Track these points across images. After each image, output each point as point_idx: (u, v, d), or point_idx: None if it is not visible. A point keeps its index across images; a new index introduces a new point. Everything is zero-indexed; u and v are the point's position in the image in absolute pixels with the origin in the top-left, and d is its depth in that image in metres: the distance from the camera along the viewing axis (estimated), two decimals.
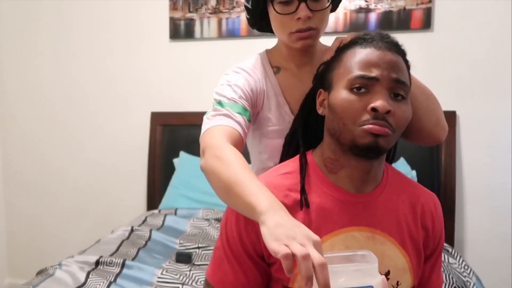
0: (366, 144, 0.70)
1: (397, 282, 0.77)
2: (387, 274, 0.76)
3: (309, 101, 0.87)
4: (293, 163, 0.82)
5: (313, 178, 0.78)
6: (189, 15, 2.33)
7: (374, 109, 0.70)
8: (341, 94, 0.74)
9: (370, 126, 0.70)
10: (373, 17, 2.12)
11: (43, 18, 2.53)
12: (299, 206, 0.75)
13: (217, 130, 0.86)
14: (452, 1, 2.06)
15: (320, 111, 0.81)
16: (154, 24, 2.39)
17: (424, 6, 2.07)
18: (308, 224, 0.74)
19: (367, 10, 2.12)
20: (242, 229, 0.75)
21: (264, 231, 0.63)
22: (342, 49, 0.80)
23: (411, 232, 0.79)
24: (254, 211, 0.67)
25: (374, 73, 0.72)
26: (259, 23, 1.02)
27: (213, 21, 2.31)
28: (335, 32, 2.13)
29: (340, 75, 0.76)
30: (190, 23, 2.33)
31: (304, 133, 0.86)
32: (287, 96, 0.99)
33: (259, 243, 0.74)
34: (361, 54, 0.75)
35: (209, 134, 0.86)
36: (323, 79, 0.81)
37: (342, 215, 0.75)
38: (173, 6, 2.35)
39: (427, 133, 0.89)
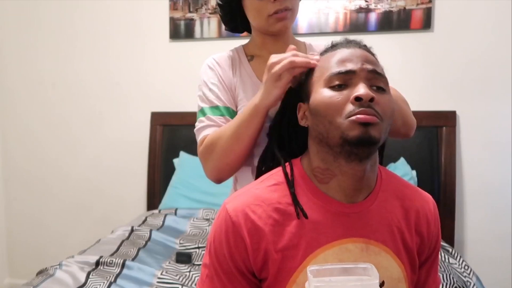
0: (357, 136, 0.67)
1: None
2: (381, 284, 0.73)
3: (280, 115, 0.86)
4: (280, 173, 0.78)
5: (303, 189, 0.75)
6: (189, 15, 2.33)
7: (358, 99, 0.68)
8: (320, 93, 0.73)
9: (357, 116, 0.67)
10: (373, 17, 2.12)
11: (44, 17, 2.53)
12: (289, 219, 0.73)
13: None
14: (452, 1, 2.06)
15: (303, 122, 0.78)
16: (154, 24, 2.39)
17: (424, 6, 2.07)
18: (300, 237, 0.72)
19: (367, 10, 2.12)
20: (232, 246, 0.73)
21: (260, 95, 0.85)
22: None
23: (404, 239, 0.77)
24: (254, 106, 0.87)
25: (349, 67, 0.72)
26: (233, 21, 1.07)
27: (213, 21, 2.31)
28: (335, 32, 2.13)
29: (317, 78, 0.75)
30: (190, 23, 2.33)
31: (280, 148, 0.85)
32: (262, 80, 1.02)
33: (249, 259, 0.72)
34: (333, 56, 0.75)
35: (200, 146, 0.98)
36: (299, 93, 0.80)
37: (335, 227, 0.73)
38: (173, 6, 2.35)
39: (394, 132, 0.92)
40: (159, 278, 1.43)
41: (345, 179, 0.73)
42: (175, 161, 2.32)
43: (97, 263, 1.48)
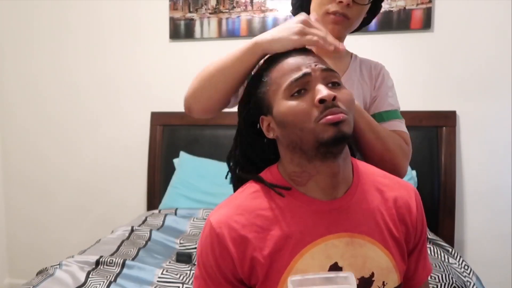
0: (331, 136, 0.69)
1: (383, 282, 0.76)
2: (371, 276, 0.75)
3: (239, 137, 0.85)
4: (255, 183, 0.80)
5: (283, 192, 0.76)
6: (189, 15, 2.34)
7: (321, 101, 0.70)
8: (284, 105, 0.73)
9: (326, 117, 0.70)
10: None
11: (43, 18, 2.53)
12: (273, 223, 0.74)
13: None
14: (452, 1, 2.06)
15: (270, 135, 0.79)
16: (154, 24, 2.39)
17: (424, 6, 2.07)
18: (285, 239, 0.73)
19: None
20: (218, 257, 0.74)
21: (267, 36, 0.81)
22: (264, 69, 0.79)
23: (390, 229, 0.78)
24: (248, 46, 0.82)
25: (304, 70, 0.73)
26: (299, 2, 1.07)
27: (213, 21, 2.31)
28: None
29: (275, 91, 0.75)
30: (190, 23, 2.33)
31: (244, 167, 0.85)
32: None
33: (236, 268, 0.74)
34: (284, 65, 0.76)
35: None
36: (258, 108, 0.79)
37: (317, 225, 0.74)
38: (173, 6, 2.35)
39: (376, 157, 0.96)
40: (159, 277, 1.43)
41: (322, 178, 0.75)
42: (175, 161, 2.32)
43: (97, 263, 1.47)
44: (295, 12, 1.11)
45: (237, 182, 0.86)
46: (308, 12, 1.04)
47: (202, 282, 0.78)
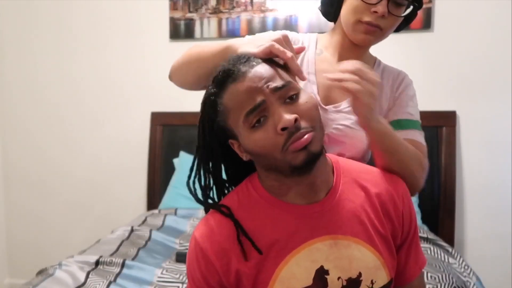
0: (303, 161, 0.69)
1: (371, 281, 0.76)
2: (359, 276, 0.75)
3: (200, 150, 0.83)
4: (236, 194, 0.80)
5: (263, 203, 0.77)
6: (189, 15, 2.34)
7: (283, 129, 0.68)
8: (249, 138, 0.71)
9: (293, 145, 0.68)
10: None
11: (44, 17, 2.53)
12: (254, 235, 0.74)
13: None
14: (452, 1, 2.06)
15: (244, 157, 0.77)
16: (154, 24, 2.39)
17: (424, 6, 2.07)
18: (269, 248, 0.73)
19: None
20: (204, 271, 0.75)
21: (239, 44, 0.80)
22: (216, 95, 0.74)
23: (375, 226, 0.77)
24: (222, 46, 0.84)
25: (258, 98, 0.69)
26: (330, 4, 1.02)
27: (213, 21, 2.31)
28: None
29: (234, 121, 0.72)
30: (190, 23, 2.33)
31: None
32: (318, 78, 1.00)
33: (222, 280, 0.74)
34: (236, 92, 0.71)
35: None
36: (223, 133, 0.77)
37: (300, 231, 0.74)
38: (173, 6, 2.35)
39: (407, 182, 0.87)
40: (159, 276, 1.43)
41: (301, 188, 0.75)
42: (175, 161, 2.32)
43: (97, 263, 1.48)
44: (324, 9, 1.06)
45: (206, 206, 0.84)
46: (337, 14, 1.00)
47: None
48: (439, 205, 2.06)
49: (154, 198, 2.38)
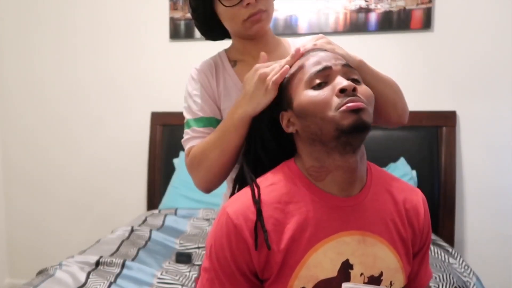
0: (351, 123, 0.70)
1: (391, 282, 0.77)
2: (380, 275, 0.76)
3: (252, 137, 0.87)
4: (272, 175, 0.80)
5: (300, 187, 0.77)
6: (189, 15, 2.33)
7: (342, 90, 0.72)
8: (305, 95, 0.75)
9: (347, 105, 0.70)
10: (373, 17, 2.12)
11: (44, 17, 2.53)
12: (289, 217, 0.74)
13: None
14: (452, 1, 2.06)
15: (289, 129, 0.80)
16: (154, 24, 2.39)
17: (424, 6, 2.07)
18: (301, 233, 0.73)
19: (367, 10, 2.12)
20: (235, 249, 0.74)
21: (247, 107, 0.85)
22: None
23: (399, 231, 0.79)
24: (240, 117, 0.86)
25: (325, 64, 0.76)
26: (211, 30, 1.07)
27: None
28: (335, 32, 2.13)
29: (296, 84, 0.78)
30: (190, 23, 2.33)
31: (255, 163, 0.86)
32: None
33: (252, 260, 0.74)
34: (306, 60, 0.79)
35: (187, 158, 1.02)
36: (278, 104, 0.82)
37: (331, 221, 0.75)
38: (173, 6, 2.35)
39: (393, 123, 0.97)
40: (159, 278, 1.43)
41: (340, 174, 0.75)
42: (175, 161, 2.32)
43: (97, 263, 1.48)
44: (208, 37, 1.11)
45: (237, 182, 0.87)
46: (223, 33, 1.06)
47: (213, 273, 0.76)
48: (439, 205, 2.06)
49: (154, 198, 2.38)
